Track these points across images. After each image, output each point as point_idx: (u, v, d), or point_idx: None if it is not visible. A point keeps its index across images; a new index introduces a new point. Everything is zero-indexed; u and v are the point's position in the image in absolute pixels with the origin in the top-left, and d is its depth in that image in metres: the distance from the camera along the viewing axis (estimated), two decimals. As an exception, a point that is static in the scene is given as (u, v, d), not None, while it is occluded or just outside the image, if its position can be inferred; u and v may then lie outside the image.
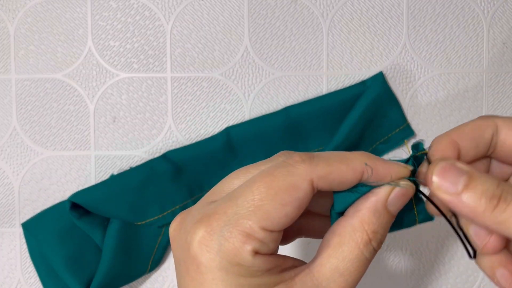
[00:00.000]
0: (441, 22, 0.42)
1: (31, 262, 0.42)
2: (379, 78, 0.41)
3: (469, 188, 0.21)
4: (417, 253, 0.42)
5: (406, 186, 0.23)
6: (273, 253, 0.22)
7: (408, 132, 0.42)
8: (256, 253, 0.21)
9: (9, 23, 0.43)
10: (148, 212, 0.40)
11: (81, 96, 0.43)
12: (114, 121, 0.43)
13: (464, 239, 0.23)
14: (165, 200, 0.40)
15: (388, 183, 0.22)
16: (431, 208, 0.24)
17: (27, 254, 0.42)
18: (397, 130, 0.42)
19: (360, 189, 0.22)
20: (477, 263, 0.24)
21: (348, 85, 0.42)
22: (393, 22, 0.42)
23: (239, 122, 0.42)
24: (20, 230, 0.42)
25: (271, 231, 0.21)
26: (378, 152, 0.42)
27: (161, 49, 0.43)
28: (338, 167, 0.21)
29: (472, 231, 0.23)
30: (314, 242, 0.42)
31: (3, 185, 0.43)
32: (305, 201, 0.21)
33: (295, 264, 0.23)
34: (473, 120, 0.24)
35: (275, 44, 0.42)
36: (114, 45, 0.43)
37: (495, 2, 0.42)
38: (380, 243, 0.22)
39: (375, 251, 0.22)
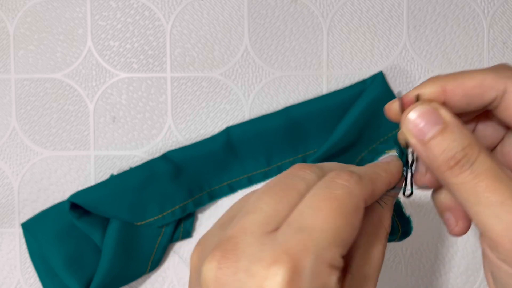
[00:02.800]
0: (441, 22, 0.42)
1: (30, 262, 0.42)
2: (379, 78, 0.41)
3: (436, 139, 0.21)
4: (417, 253, 0.42)
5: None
6: None
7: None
8: (339, 281, 0.20)
9: (9, 23, 0.43)
10: (148, 212, 0.40)
11: (81, 96, 0.43)
12: (113, 121, 0.43)
13: (409, 178, 0.24)
14: (165, 200, 0.40)
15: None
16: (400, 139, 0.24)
17: (26, 254, 0.42)
18: (397, 130, 0.42)
19: None
20: (432, 197, 0.25)
21: (348, 85, 0.42)
22: (393, 22, 0.42)
23: (239, 122, 0.42)
24: (19, 230, 0.42)
25: (343, 257, 0.20)
26: (378, 152, 0.42)
27: (161, 49, 0.42)
28: (378, 186, 0.22)
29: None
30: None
31: (2, 185, 0.43)
32: (361, 220, 0.21)
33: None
34: (481, 73, 0.22)
35: (275, 44, 0.42)
36: (114, 45, 0.42)
37: (495, 2, 0.42)
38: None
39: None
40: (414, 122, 0.21)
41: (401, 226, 0.27)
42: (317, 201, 0.20)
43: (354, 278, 0.21)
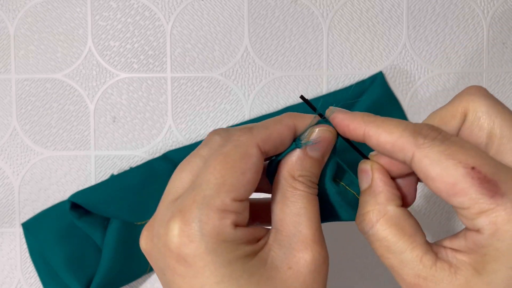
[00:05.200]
0: (441, 22, 0.42)
1: (31, 262, 0.42)
2: (379, 78, 0.41)
3: (363, 193, 0.25)
4: (417, 253, 0.42)
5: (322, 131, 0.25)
6: (247, 224, 0.24)
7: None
8: (236, 225, 0.22)
9: (9, 23, 0.43)
10: (148, 212, 0.40)
11: (81, 96, 0.43)
12: (114, 121, 0.43)
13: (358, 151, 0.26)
14: None
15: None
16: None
17: (27, 254, 0.42)
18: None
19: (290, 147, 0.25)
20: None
21: (348, 85, 0.42)
22: (393, 22, 0.42)
23: (239, 122, 0.42)
24: (20, 230, 0.42)
25: (241, 200, 0.22)
26: None
27: (161, 49, 0.43)
28: (275, 127, 0.24)
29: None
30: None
31: (3, 185, 0.43)
32: (259, 165, 0.23)
33: (265, 232, 0.25)
34: (400, 131, 0.23)
35: (275, 44, 0.42)
36: (114, 45, 0.43)
37: (495, 2, 0.42)
38: (313, 182, 0.25)
39: (312, 186, 0.25)
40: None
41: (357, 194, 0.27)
42: (208, 160, 0.23)
43: (280, 233, 0.23)
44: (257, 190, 0.26)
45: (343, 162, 0.27)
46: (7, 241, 0.43)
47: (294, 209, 0.24)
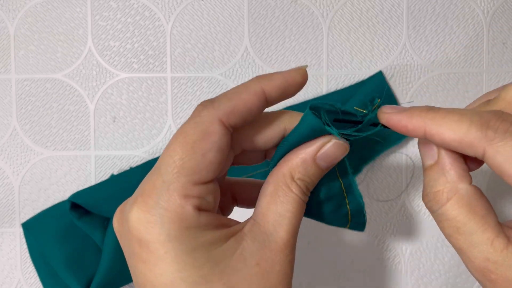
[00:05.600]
0: (441, 22, 0.42)
1: (31, 262, 0.42)
2: (379, 78, 0.41)
3: (426, 172, 0.23)
4: (417, 253, 0.42)
5: (340, 141, 0.24)
6: (215, 210, 0.23)
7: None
8: (199, 210, 0.21)
9: (9, 23, 0.43)
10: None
11: (81, 96, 0.43)
12: (114, 121, 0.43)
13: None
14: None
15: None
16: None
17: (27, 254, 0.42)
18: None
19: (288, 139, 0.24)
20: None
21: (348, 85, 0.42)
22: (393, 22, 0.42)
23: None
24: (20, 230, 0.42)
25: (204, 183, 0.21)
26: (376, 151, 0.42)
27: (161, 49, 0.43)
28: (240, 97, 0.22)
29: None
30: (313, 241, 0.42)
31: (3, 185, 0.43)
32: (223, 142, 0.22)
33: (238, 223, 0.24)
34: (465, 127, 0.21)
35: (275, 44, 0.42)
36: (114, 45, 0.43)
37: (495, 2, 0.42)
38: (308, 189, 0.24)
39: (306, 193, 0.24)
40: (422, 147, 0.24)
41: (350, 210, 0.26)
42: (170, 140, 0.22)
43: (257, 226, 0.22)
44: (246, 161, 0.25)
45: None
46: (7, 241, 0.43)
47: (280, 209, 0.23)
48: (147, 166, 0.41)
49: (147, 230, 0.21)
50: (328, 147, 0.23)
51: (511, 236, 0.21)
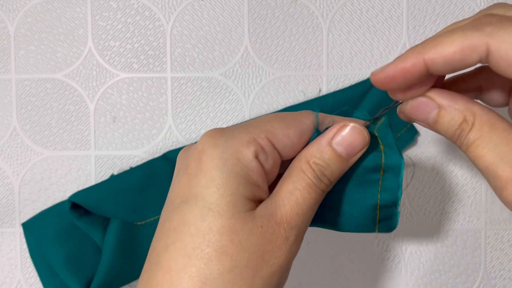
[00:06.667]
0: (441, 22, 0.42)
1: (31, 262, 0.42)
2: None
3: (436, 122, 0.23)
4: (417, 253, 0.43)
5: (358, 124, 0.24)
6: (268, 177, 0.24)
7: (413, 131, 0.42)
8: (256, 156, 0.23)
9: (9, 23, 0.43)
10: (148, 212, 0.40)
11: (81, 96, 0.43)
12: (114, 121, 0.43)
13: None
14: (165, 200, 0.40)
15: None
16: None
17: (27, 254, 0.42)
18: (403, 130, 0.42)
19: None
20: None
21: (348, 85, 0.42)
22: (393, 22, 0.42)
23: (239, 122, 0.42)
24: (20, 230, 0.42)
25: (274, 145, 0.23)
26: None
27: (161, 49, 0.43)
28: (289, 124, 0.25)
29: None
30: (313, 241, 0.42)
31: (3, 185, 0.43)
32: (307, 133, 0.24)
33: None
34: (461, 34, 0.21)
35: (275, 44, 0.42)
36: (114, 45, 0.43)
37: (494, 2, 0.42)
38: (324, 174, 0.24)
39: (321, 179, 0.24)
40: (413, 117, 0.24)
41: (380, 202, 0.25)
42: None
43: (270, 199, 0.24)
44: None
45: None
46: (7, 241, 0.43)
47: (291, 187, 0.23)
48: (147, 166, 0.41)
49: (210, 145, 0.23)
50: (345, 131, 0.24)
51: None
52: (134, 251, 0.40)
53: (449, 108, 0.22)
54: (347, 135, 0.24)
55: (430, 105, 0.23)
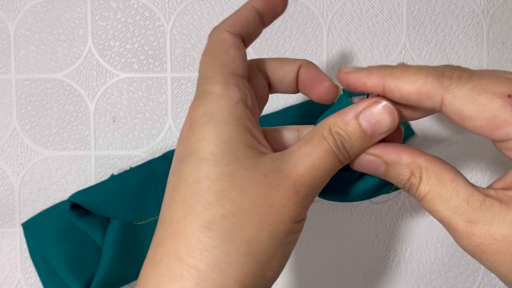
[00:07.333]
0: (441, 22, 0.42)
1: (31, 262, 0.42)
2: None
3: (388, 177, 0.24)
4: (417, 253, 0.42)
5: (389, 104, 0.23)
6: (253, 109, 0.24)
7: (409, 132, 0.42)
8: (242, 99, 0.23)
9: (9, 23, 0.43)
10: (148, 212, 0.40)
11: (81, 96, 0.43)
12: (114, 121, 0.43)
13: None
14: None
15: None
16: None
17: (27, 254, 0.42)
18: None
19: (343, 101, 0.25)
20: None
21: (348, 85, 0.42)
22: (393, 22, 0.42)
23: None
24: (20, 230, 0.42)
25: (237, 75, 0.24)
26: None
27: (161, 49, 0.43)
28: (236, 13, 0.27)
29: None
30: (313, 242, 0.42)
31: (3, 185, 0.43)
32: (237, 43, 0.25)
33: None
34: (422, 79, 0.21)
35: (275, 44, 0.42)
36: (114, 45, 0.43)
37: (494, 2, 0.42)
38: (344, 147, 0.23)
39: (341, 150, 0.23)
40: (362, 168, 0.24)
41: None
42: (200, 60, 0.26)
43: (281, 154, 0.23)
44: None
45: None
46: (7, 241, 0.43)
47: (308, 150, 0.22)
48: (147, 166, 0.41)
49: (198, 107, 0.23)
50: (376, 108, 0.23)
51: (486, 193, 0.21)
52: (134, 251, 0.40)
53: (395, 164, 0.23)
54: (377, 112, 0.23)
55: (376, 163, 0.23)
